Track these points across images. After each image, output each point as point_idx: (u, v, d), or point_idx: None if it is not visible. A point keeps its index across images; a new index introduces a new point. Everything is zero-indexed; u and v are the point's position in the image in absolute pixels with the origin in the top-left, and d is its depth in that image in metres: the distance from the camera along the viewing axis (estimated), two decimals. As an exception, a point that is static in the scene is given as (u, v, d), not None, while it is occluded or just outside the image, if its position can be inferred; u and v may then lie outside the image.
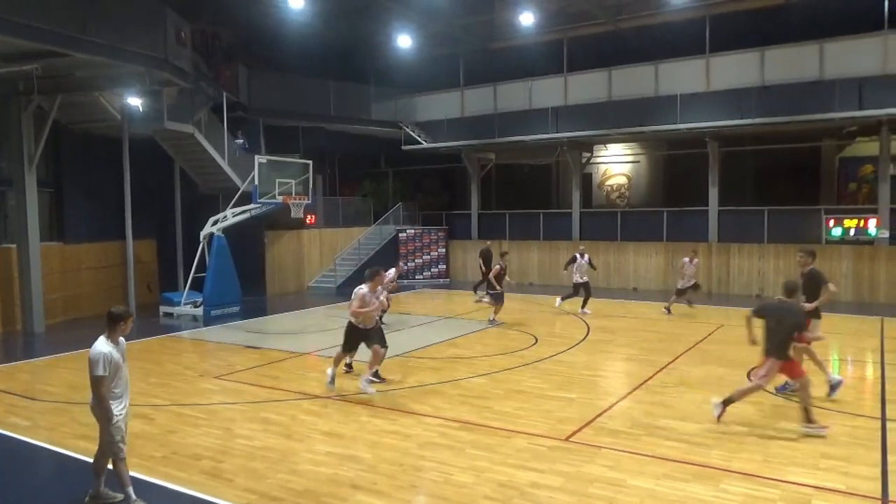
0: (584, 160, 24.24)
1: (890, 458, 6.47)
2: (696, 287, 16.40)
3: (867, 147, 20.03)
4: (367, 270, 9.22)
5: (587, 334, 13.51)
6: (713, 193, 20.53)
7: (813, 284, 8.58)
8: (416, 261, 24.51)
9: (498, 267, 14.85)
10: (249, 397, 9.03)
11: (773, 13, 19.50)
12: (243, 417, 8.12)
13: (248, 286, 18.18)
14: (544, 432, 7.33)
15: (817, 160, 22.14)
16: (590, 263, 16.66)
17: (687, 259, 16.19)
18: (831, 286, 8.60)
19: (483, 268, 19.01)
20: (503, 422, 7.76)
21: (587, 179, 25.76)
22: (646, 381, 9.68)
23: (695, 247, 18.05)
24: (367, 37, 23.67)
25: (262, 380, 9.98)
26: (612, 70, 21.32)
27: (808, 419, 7.21)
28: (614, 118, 20.91)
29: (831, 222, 18.77)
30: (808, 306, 8.38)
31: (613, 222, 22.73)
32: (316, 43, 22.04)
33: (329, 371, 9.30)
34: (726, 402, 7.51)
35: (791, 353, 7.43)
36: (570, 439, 7.15)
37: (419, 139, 24.45)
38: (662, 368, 10.42)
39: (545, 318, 15.69)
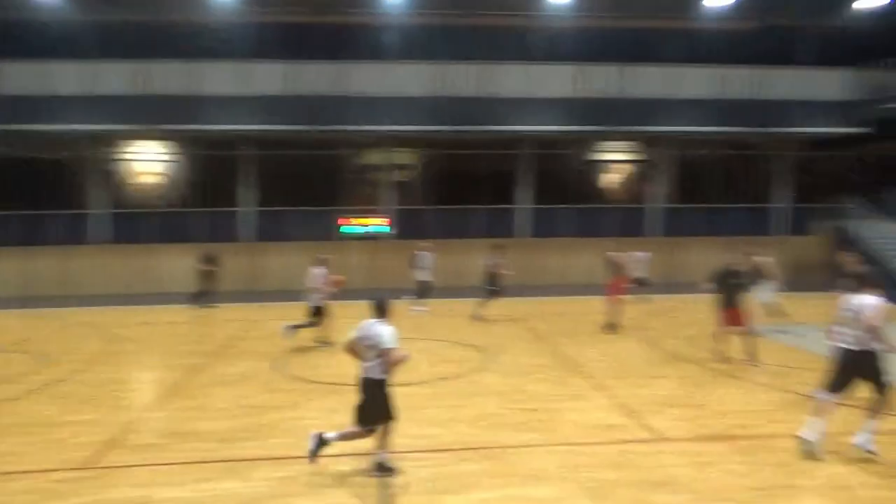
0: (111, 156, 21.93)
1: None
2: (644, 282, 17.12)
3: (378, 156, 23.26)
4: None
5: (109, 346, 12.24)
6: (245, 194, 20.98)
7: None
8: None
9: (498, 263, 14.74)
10: None
11: (300, 29, 21.02)
12: None
13: None
14: (56, 465, 6.26)
15: (339, 165, 24.68)
16: None
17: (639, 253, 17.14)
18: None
19: (208, 270, 16.40)
20: (-2, 464, 6.35)
21: (115, 177, 23.30)
22: (179, 385, 9.23)
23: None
24: None
25: None
26: (148, 63, 19.74)
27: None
28: (146, 115, 19.49)
29: (345, 221, 21.23)
30: None
31: (145, 223, 21.33)
32: None
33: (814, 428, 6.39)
34: None
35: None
36: (90, 467, 6.27)
37: None
38: (197, 371, 10.10)
39: (56, 336, 13.59)
